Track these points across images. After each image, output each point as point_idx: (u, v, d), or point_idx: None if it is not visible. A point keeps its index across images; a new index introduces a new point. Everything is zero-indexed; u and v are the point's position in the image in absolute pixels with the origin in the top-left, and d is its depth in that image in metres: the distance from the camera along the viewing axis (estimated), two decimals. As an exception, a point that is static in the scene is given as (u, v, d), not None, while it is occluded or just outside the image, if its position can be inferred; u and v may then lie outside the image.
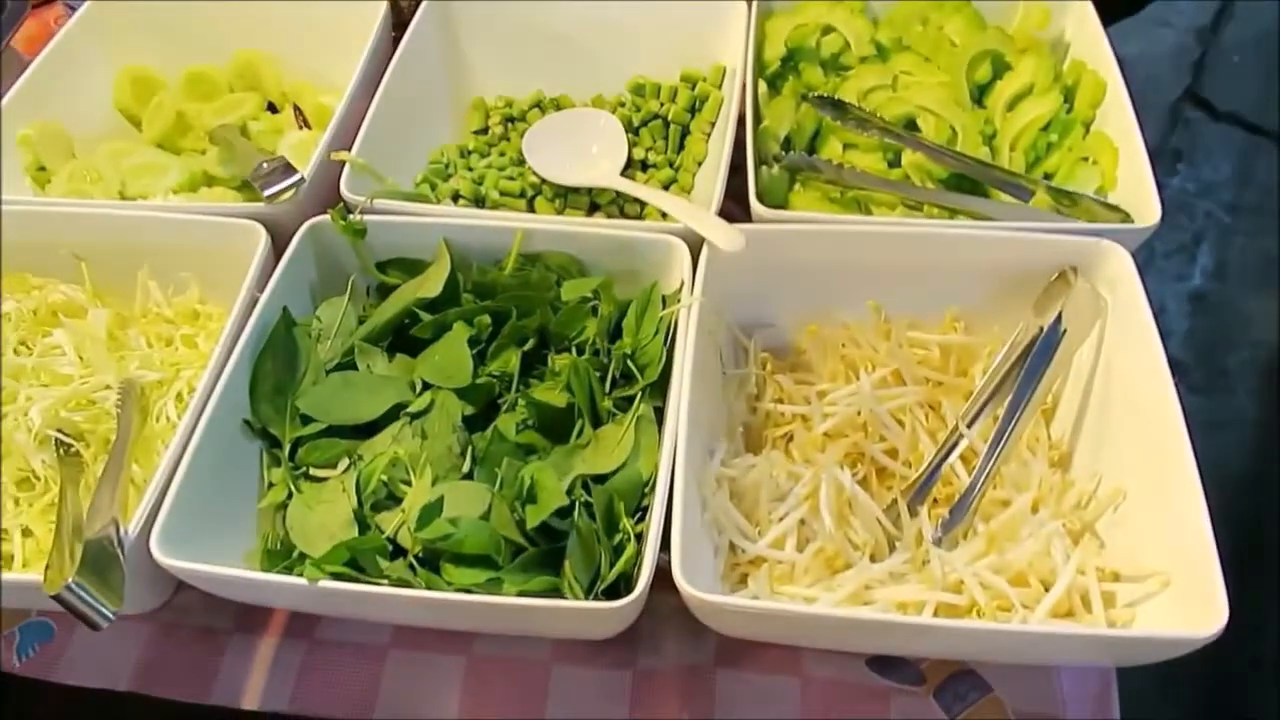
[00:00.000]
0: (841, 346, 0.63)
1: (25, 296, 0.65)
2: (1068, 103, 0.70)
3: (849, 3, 0.74)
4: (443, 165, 0.76)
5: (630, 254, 0.61)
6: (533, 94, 0.81)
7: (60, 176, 0.72)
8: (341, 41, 0.77)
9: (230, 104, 0.79)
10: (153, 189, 0.73)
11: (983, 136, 0.69)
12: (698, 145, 0.77)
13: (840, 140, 0.70)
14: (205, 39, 0.80)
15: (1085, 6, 0.73)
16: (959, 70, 0.71)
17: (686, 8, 0.77)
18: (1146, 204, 0.61)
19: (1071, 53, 0.74)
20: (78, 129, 0.76)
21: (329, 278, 0.64)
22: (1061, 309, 0.57)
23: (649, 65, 0.79)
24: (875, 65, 0.73)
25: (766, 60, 0.73)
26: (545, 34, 0.80)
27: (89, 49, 0.78)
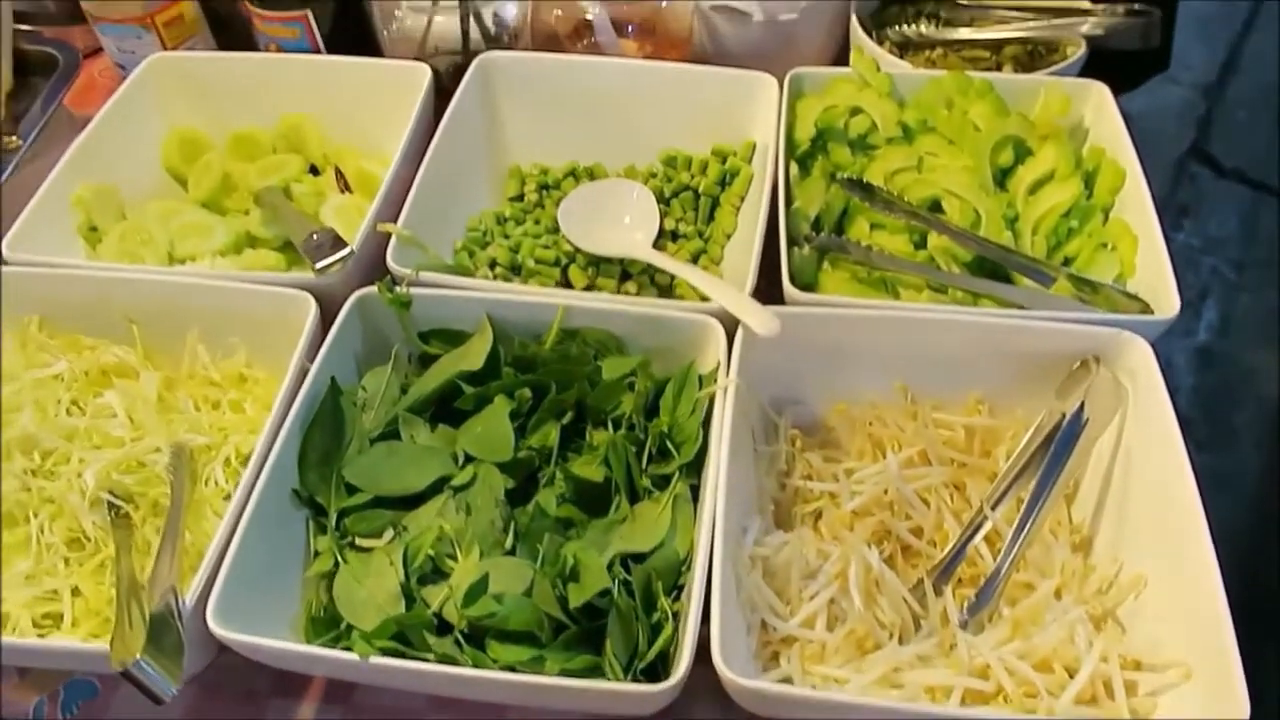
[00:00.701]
0: (869, 425, 0.65)
1: (78, 357, 0.67)
2: (1088, 188, 0.73)
3: (876, 86, 0.77)
4: (481, 233, 0.78)
5: (667, 332, 0.64)
6: (568, 162, 0.83)
7: (111, 237, 0.75)
8: (382, 106, 0.80)
9: (274, 165, 0.82)
10: (200, 249, 0.75)
11: (1005, 220, 0.71)
12: (727, 218, 0.79)
13: (868, 220, 0.73)
14: (252, 101, 0.83)
15: (1103, 93, 0.76)
16: (983, 154, 0.73)
17: (719, 84, 0.80)
18: (1166, 294, 0.63)
19: (1090, 138, 0.77)
20: (127, 188, 0.79)
21: (373, 346, 0.66)
22: (1084, 398, 0.60)
23: (681, 138, 0.82)
24: (901, 146, 0.76)
25: (797, 140, 0.75)
26: (581, 103, 0.82)
27: (142, 110, 0.80)
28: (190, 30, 0.86)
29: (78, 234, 0.75)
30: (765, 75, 0.78)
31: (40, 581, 0.58)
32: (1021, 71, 0.84)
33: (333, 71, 0.81)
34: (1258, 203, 2.24)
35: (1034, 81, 0.77)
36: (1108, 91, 0.75)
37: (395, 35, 0.83)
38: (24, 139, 0.80)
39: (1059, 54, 0.84)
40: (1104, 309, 0.65)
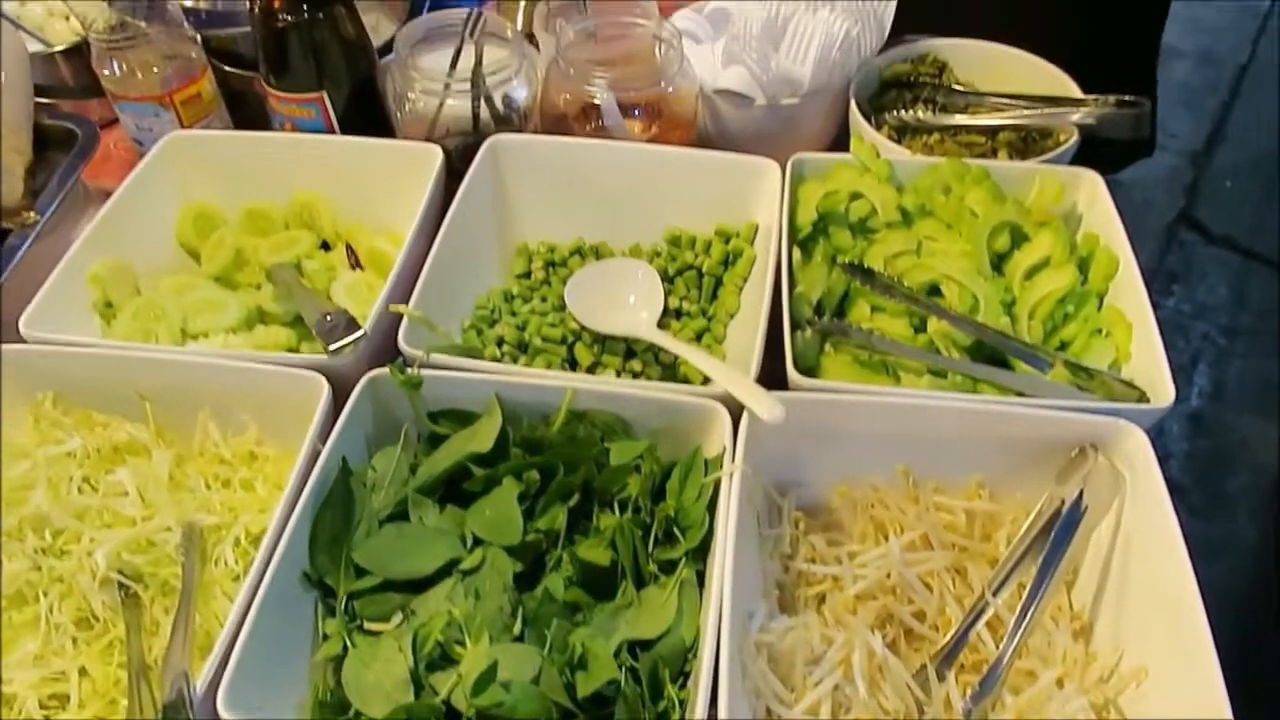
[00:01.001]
0: (871, 507, 0.66)
1: (90, 434, 0.68)
2: (1082, 273, 0.75)
3: (876, 171, 0.79)
4: (489, 310, 0.80)
5: (673, 415, 0.65)
6: (574, 240, 0.85)
7: (125, 313, 0.76)
8: (394, 185, 0.82)
9: (286, 241, 0.83)
10: (213, 325, 0.77)
11: (1003, 305, 0.73)
12: (730, 298, 0.81)
13: (868, 303, 0.74)
14: (266, 177, 0.85)
15: (1096, 181, 0.78)
16: (980, 239, 0.75)
17: (722, 168, 0.82)
18: (1160, 382, 0.64)
19: (1084, 224, 0.79)
20: (142, 262, 0.80)
21: (383, 425, 0.67)
22: (1082, 485, 0.61)
23: (685, 218, 0.84)
24: (901, 231, 0.78)
25: (799, 224, 0.77)
26: (588, 184, 0.84)
27: (158, 187, 0.82)
28: (208, 108, 0.88)
29: (93, 310, 0.76)
30: (768, 161, 0.80)
31: (48, 662, 0.58)
32: (1016, 156, 0.86)
33: (347, 151, 0.83)
34: (1246, 270, 2.28)
35: (1029, 169, 0.79)
36: (1100, 180, 0.77)
37: (408, 116, 0.85)
38: (41, 213, 0.81)
39: (1052, 139, 0.87)
40: (1100, 395, 0.66)
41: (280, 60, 0.82)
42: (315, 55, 0.81)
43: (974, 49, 0.93)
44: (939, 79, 0.92)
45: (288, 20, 0.79)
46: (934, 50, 0.93)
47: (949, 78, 0.92)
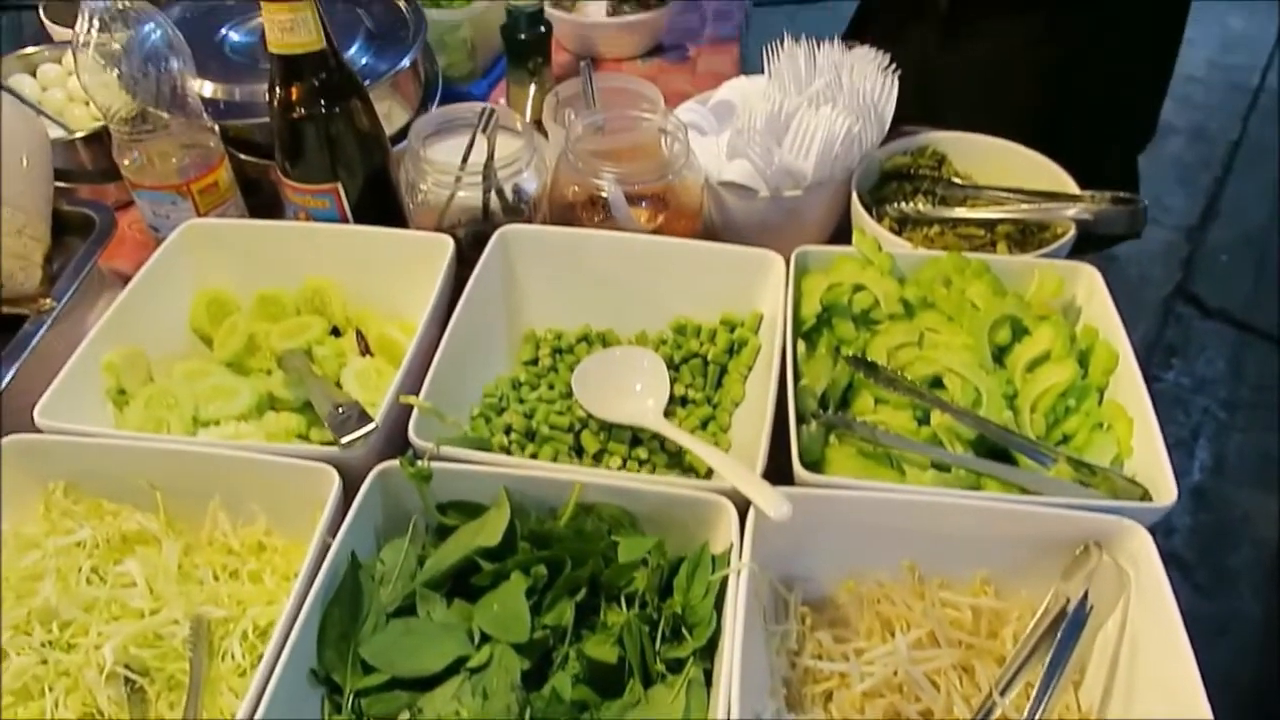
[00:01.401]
0: (877, 603, 0.67)
1: (100, 523, 0.69)
2: (1082, 366, 0.76)
3: (878, 264, 0.81)
4: (497, 399, 0.81)
5: (680, 509, 0.65)
6: (581, 327, 0.86)
7: (138, 400, 0.77)
8: (405, 273, 0.84)
9: (298, 327, 0.84)
10: (224, 413, 0.77)
11: (1005, 398, 0.74)
12: (735, 386, 0.82)
13: (872, 395, 0.75)
14: (279, 264, 0.86)
15: (1094, 276, 0.80)
16: (981, 332, 0.77)
17: (727, 259, 0.83)
18: (1162, 480, 0.65)
19: (1083, 317, 0.80)
20: (156, 347, 0.81)
21: (392, 516, 0.68)
22: (1088, 585, 0.61)
23: (691, 307, 0.85)
24: (903, 323, 0.79)
25: (803, 316, 0.79)
26: (596, 273, 0.85)
27: (174, 274, 0.84)
28: (224, 196, 0.90)
29: (106, 397, 0.77)
30: (772, 253, 0.81)
31: (52, 760, 0.58)
32: (1015, 247, 0.88)
33: (360, 240, 0.85)
34: (1243, 344, 2.30)
35: (1028, 264, 0.81)
36: (1098, 275, 0.79)
37: (420, 205, 0.87)
38: (58, 300, 0.82)
39: (1049, 232, 0.88)
40: (1104, 492, 0.67)
41: (297, 152, 0.84)
42: (331, 148, 0.83)
43: (972, 142, 0.96)
44: (938, 171, 0.94)
45: (305, 114, 0.81)
46: (933, 143, 0.96)
47: (948, 170, 0.95)
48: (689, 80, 1.29)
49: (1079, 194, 0.86)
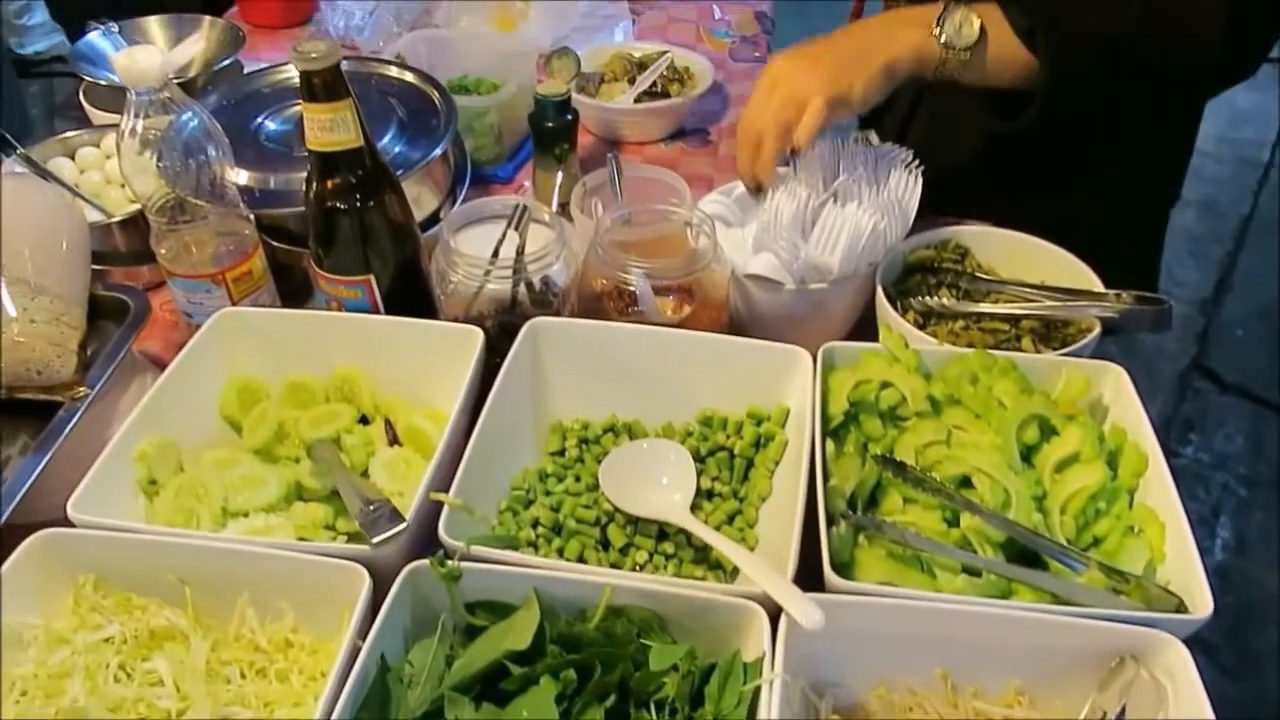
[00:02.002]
0: (909, 711, 0.66)
1: (129, 618, 0.69)
2: (1111, 468, 0.76)
3: (905, 361, 0.81)
4: (524, 491, 0.81)
5: (711, 614, 0.65)
6: (608, 417, 0.87)
7: (168, 491, 0.77)
8: (434, 364, 0.85)
9: (327, 415, 0.85)
10: (253, 504, 0.78)
11: (1034, 500, 0.74)
12: (762, 481, 0.82)
13: (901, 494, 0.75)
14: (310, 352, 0.87)
15: (1121, 376, 0.80)
16: (1009, 432, 0.77)
17: (754, 354, 0.84)
18: (1197, 590, 0.65)
19: (1110, 416, 0.80)
20: (186, 436, 0.82)
21: (420, 615, 0.68)
22: (1125, 700, 0.60)
23: (717, 399, 0.86)
24: (930, 420, 0.79)
25: (831, 413, 0.79)
26: (623, 365, 0.86)
27: (206, 362, 0.84)
28: (257, 284, 0.92)
29: (137, 487, 0.77)
30: (798, 349, 0.82)
31: None
32: (1039, 342, 0.89)
33: (391, 330, 0.86)
34: (1261, 418, 2.29)
35: (1054, 362, 0.81)
36: (1125, 375, 0.79)
37: (449, 295, 0.88)
38: (91, 387, 0.83)
39: (1074, 327, 0.89)
40: (1137, 600, 0.66)
41: (332, 245, 0.85)
42: (365, 241, 0.85)
43: (994, 236, 0.97)
44: (962, 265, 0.95)
45: (341, 208, 0.83)
46: (956, 236, 0.97)
47: (971, 264, 0.96)
48: (711, 164, 1.31)
49: (1103, 292, 0.87)
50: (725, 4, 1.68)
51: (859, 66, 0.88)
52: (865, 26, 0.94)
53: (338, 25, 1.54)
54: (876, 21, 0.95)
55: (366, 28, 1.51)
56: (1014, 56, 0.89)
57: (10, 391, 0.82)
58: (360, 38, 1.51)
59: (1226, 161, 3.05)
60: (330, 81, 0.77)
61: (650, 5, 1.68)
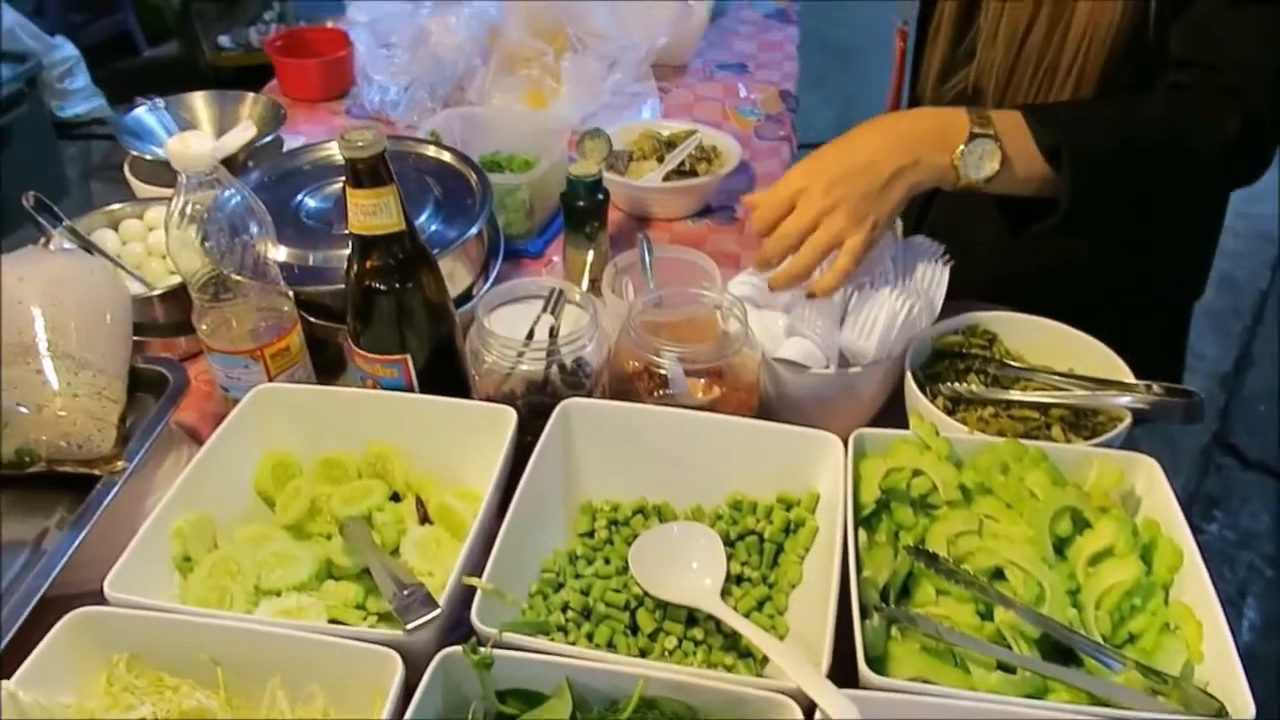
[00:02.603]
0: (944, 811, 0.65)
1: (160, 699, 0.69)
2: (1145, 562, 0.75)
3: (936, 449, 0.81)
4: (554, 574, 0.81)
5: (744, 707, 0.65)
6: (637, 499, 0.87)
7: (202, 567, 0.78)
8: (467, 442, 0.86)
9: (359, 492, 0.86)
10: (285, 582, 0.78)
11: (1069, 594, 0.73)
12: (793, 567, 0.82)
13: (933, 585, 0.75)
14: (344, 428, 0.88)
15: (1153, 468, 0.80)
16: (1042, 523, 0.77)
17: (785, 438, 0.85)
18: (1237, 692, 0.64)
19: (1143, 508, 0.80)
20: (222, 511, 0.83)
21: (450, 701, 0.67)
22: (1167, 809, 0.59)
23: (747, 483, 0.86)
24: (961, 510, 0.79)
25: (862, 502, 0.79)
26: (653, 447, 0.87)
27: (242, 438, 0.86)
28: (295, 359, 0.93)
29: (172, 564, 0.78)
30: (829, 434, 0.83)
31: None
32: (1069, 430, 0.89)
33: (426, 408, 0.87)
34: (1286, 497, 2.27)
35: (1086, 453, 0.81)
36: (1157, 467, 0.79)
37: (483, 374, 0.90)
38: (129, 460, 0.84)
39: (1104, 416, 0.89)
40: (1176, 703, 0.65)
41: (370, 324, 0.87)
42: (402, 321, 0.86)
43: (1021, 322, 0.97)
44: (989, 350, 0.96)
45: (381, 289, 0.84)
46: (983, 322, 0.98)
47: (999, 349, 0.96)
48: (737, 241, 1.33)
49: (1133, 383, 0.87)
50: (751, 82, 1.72)
51: (883, 200, 0.87)
52: (888, 137, 0.90)
53: (373, 100, 1.58)
54: (901, 132, 0.91)
55: (401, 103, 1.55)
56: (1037, 174, 0.90)
57: (50, 465, 0.84)
58: (395, 112, 1.55)
59: (1243, 236, 3.06)
60: (375, 169, 0.79)
61: (677, 83, 1.72)
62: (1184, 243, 1.19)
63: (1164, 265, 1.19)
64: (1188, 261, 1.23)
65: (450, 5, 1.63)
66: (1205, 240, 1.22)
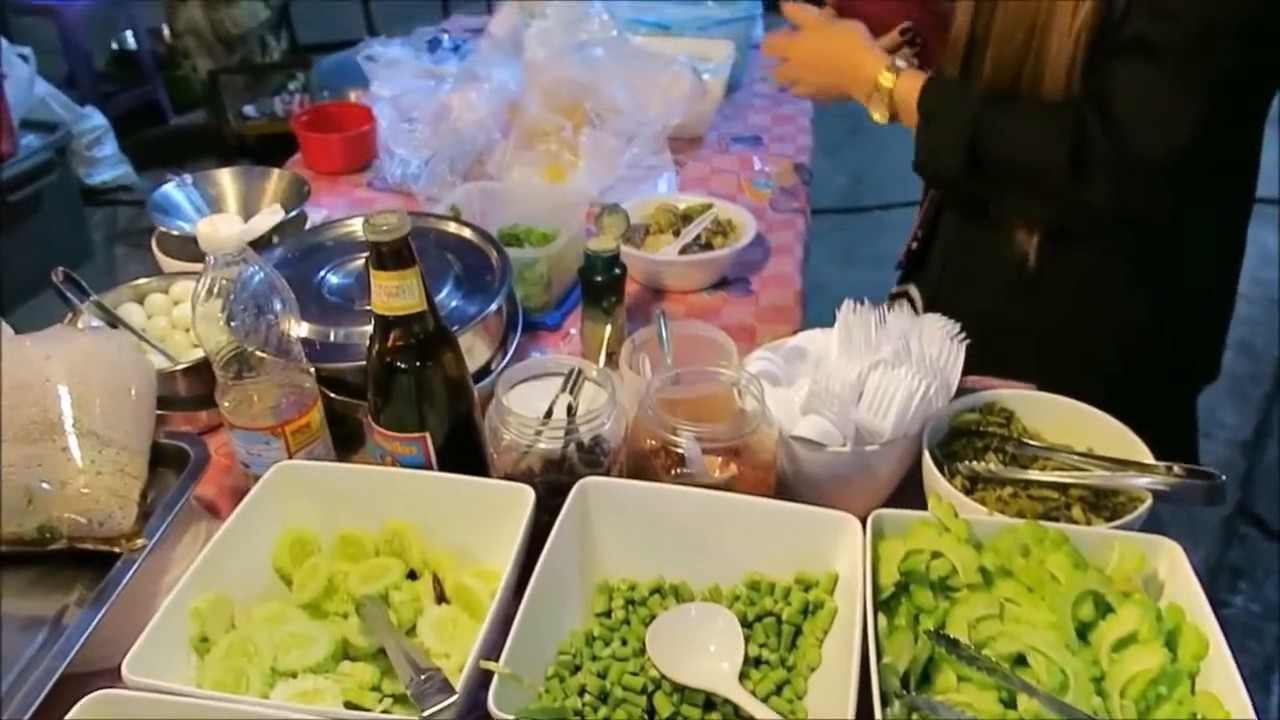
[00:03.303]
0: None
1: (173, 784, 0.68)
2: (1169, 647, 0.74)
3: (955, 531, 0.81)
4: (571, 656, 0.80)
5: (763, 800, 0.64)
6: (654, 579, 0.87)
7: (220, 648, 0.78)
8: (485, 521, 0.86)
9: (377, 570, 0.86)
10: (301, 663, 0.78)
11: (1093, 681, 0.72)
12: (811, 650, 0.81)
13: (954, 671, 0.74)
14: (363, 505, 0.88)
15: (1176, 551, 0.79)
16: (1064, 608, 0.76)
17: (803, 518, 0.84)
18: (1269, 789, 0.62)
19: (1166, 593, 0.79)
20: (239, 590, 0.83)
21: (466, 791, 0.67)
22: None
23: (765, 563, 0.86)
24: (982, 593, 0.79)
25: (881, 584, 0.79)
26: (670, 526, 0.86)
27: (261, 515, 0.86)
28: (315, 436, 0.94)
29: (189, 645, 0.78)
30: (847, 515, 0.82)
31: None
32: (1088, 509, 0.88)
33: (445, 487, 0.88)
34: (1312, 570, 2.23)
35: (1107, 536, 0.81)
36: (1180, 551, 0.78)
37: (501, 451, 0.90)
38: (149, 538, 0.85)
39: (1124, 495, 0.89)
40: (1207, 799, 0.64)
41: (391, 402, 0.88)
42: (422, 399, 0.87)
43: (1039, 400, 0.98)
44: (1007, 429, 0.96)
45: (402, 369, 0.86)
46: (1000, 400, 0.98)
47: (1016, 428, 0.96)
48: (753, 313, 1.34)
49: (1153, 464, 0.87)
50: (765, 155, 1.75)
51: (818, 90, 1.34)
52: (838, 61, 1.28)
53: (394, 173, 1.62)
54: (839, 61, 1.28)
55: (423, 176, 1.58)
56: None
57: (71, 542, 0.84)
58: (417, 185, 1.58)
59: (1258, 302, 3.06)
60: (399, 251, 0.81)
61: (693, 156, 1.75)
62: (1194, 321, 1.20)
63: (1176, 345, 1.19)
64: (1199, 342, 1.23)
65: (471, 82, 1.67)
66: (1216, 321, 1.23)
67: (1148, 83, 0.97)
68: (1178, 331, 1.17)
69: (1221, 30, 0.93)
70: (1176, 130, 0.96)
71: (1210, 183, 1.07)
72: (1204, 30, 0.93)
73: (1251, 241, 1.12)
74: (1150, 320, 1.14)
